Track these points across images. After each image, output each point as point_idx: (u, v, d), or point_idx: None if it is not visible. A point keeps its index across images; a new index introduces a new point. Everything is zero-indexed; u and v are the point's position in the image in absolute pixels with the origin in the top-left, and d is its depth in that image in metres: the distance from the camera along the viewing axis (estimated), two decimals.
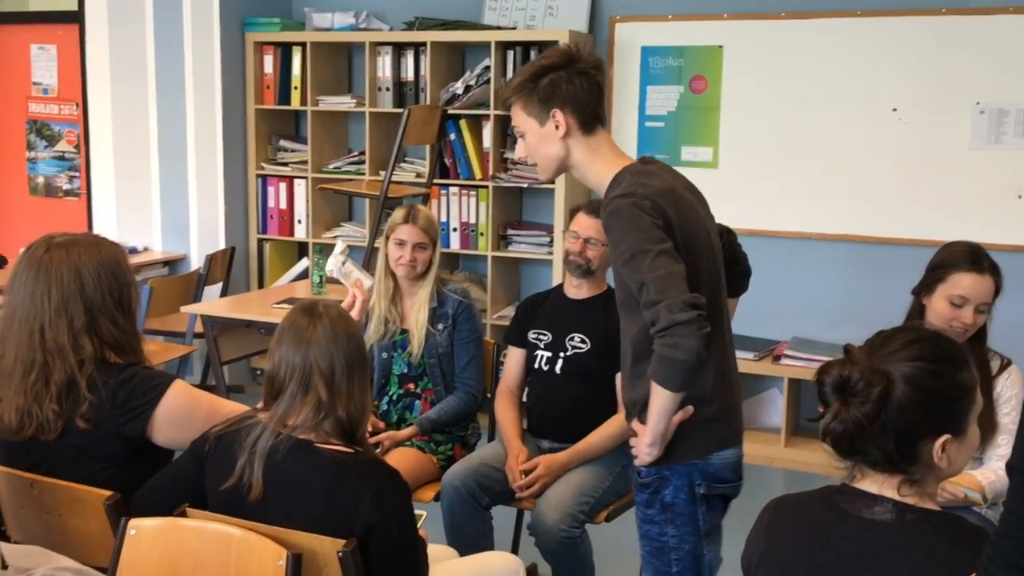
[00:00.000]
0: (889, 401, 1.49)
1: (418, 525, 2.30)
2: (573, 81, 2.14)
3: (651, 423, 2.09)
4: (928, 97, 4.50)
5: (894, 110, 4.56)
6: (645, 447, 2.13)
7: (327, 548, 1.83)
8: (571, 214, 3.16)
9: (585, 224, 3.03)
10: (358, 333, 2.06)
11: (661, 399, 2.04)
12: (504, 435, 3.09)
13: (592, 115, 2.17)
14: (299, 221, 5.45)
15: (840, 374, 1.53)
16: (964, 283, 2.55)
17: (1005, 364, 2.66)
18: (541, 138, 2.18)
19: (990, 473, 2.52)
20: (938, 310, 2.58)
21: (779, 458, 4.59)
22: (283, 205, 5.47)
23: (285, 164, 5.48)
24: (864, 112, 4.60)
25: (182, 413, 2.14)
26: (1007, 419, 2.60)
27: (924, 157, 4.53)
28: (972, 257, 2.58)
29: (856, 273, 4.72)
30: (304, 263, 5.30)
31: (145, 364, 2.19)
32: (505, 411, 3.15)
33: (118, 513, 1.99)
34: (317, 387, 1.93)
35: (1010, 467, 1.19)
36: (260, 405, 2.04)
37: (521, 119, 2.19)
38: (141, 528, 1.93)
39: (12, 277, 2.14)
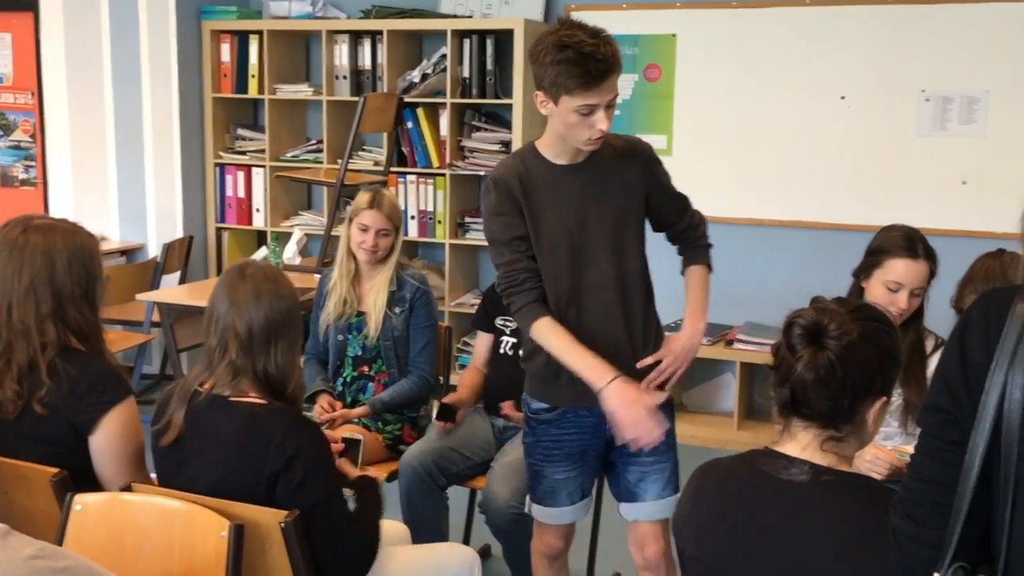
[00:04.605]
0: (854, 353, 1.53)
1: (360, 451, 2.46)
2: None
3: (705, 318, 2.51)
4: (875, 85, 4.59)
5: (842, 98, 4.65)
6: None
7: (269, 519, 1.87)
8: None
9: None
10: (285, 293, 2.12)
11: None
12: (460, 383, 3.23)
13: None
14: (257, 210, 5.45)
15: (816, 319, 1.56)
16: (899, 269, 2.60)
17: (939, 343, 2.72)
18: None
19: None
20: (875, 294, 2.63)
21: (732, 441, 4.66)
22: (241, 194, 5.47)
23: (243, 153, 5.48)
24: (814, 100, 4.68)
25: (125, 431, 2.16)
26: None
27: (872, 144, 4.62)
28: (907, 243, 2.62)
29: (807, 259, 4.80)
30: (263, 251, 5.30)
31: (106, 356, 2.22)
32: (467, 377, 3.27)
33: (64, 489, 2.02)
34: (231, 348, 2.01)
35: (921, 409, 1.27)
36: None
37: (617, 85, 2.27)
38: (87, 504, 1.95)
39: None
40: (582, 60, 2.17)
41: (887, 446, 2.57)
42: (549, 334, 2.32)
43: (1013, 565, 1.14)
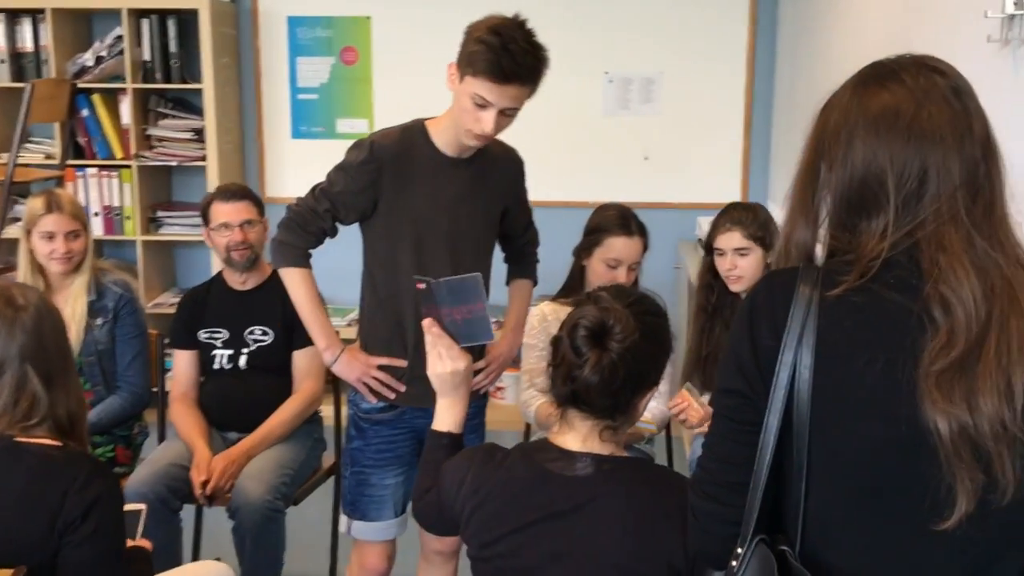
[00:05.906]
0: (636, 353, 1.54)
1: (140, 522, 2.17)
2: None
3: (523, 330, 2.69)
4: (565, 67, 4.76)
5: None
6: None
7: None
8: (205, 206, 2.99)
9: (229, 211, 2.93)
10: (60, 318, 1.88)
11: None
12: (188, 442, 2.89)
13: None
14: None
15: (600, 320, 1.53)
16: (617, 246, 2.76)
17: None
18: None
19: (654, 409, 2.78)
20: (597, 272, 2.78)
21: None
22: None
23: None
24: None
25: None
26: None
27: (567, 124, 4.82)
28: (622, 221, 2.80)
29: None
30: None
31: None
32: (183, 416, 2.96)
33: None
34: (32, 389, 1.75)
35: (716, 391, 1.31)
36: None
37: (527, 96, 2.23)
38: None
39: None
40: (502, 52, 2.13)
41: None
42: (301, 283, 2.36)
43: (809, 535, 1.20)
